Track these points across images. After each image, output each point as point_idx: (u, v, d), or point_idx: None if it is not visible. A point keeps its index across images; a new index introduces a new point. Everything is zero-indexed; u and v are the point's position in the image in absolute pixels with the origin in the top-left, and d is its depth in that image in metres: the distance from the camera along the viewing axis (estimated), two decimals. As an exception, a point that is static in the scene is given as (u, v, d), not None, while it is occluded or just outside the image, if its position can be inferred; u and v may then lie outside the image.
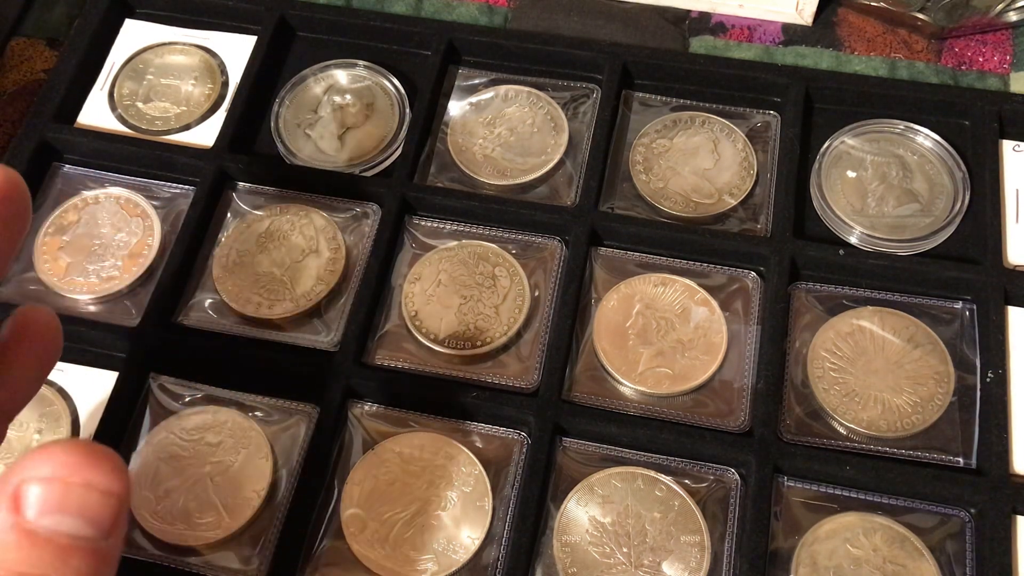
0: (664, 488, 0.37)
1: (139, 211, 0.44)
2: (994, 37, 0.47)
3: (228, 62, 0.48)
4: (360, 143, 0.45)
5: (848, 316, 0.40)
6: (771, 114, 0.45)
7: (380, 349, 0.41)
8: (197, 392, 0.40)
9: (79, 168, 0.46)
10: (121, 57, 0.49)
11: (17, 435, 0.39)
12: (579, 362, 0.40)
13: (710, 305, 0.41)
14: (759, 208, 0.43)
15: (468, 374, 0.40)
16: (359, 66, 0.47)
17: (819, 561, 0.36)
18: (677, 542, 0.36)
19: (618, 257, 0.42)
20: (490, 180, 0.44)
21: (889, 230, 0.42)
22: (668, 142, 0.45)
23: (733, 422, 0.38)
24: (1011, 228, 0.42)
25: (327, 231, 0.43)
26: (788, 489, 0.37)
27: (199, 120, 0.46)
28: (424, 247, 0.43)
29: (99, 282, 0.42)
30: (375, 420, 0.39)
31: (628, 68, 0.46)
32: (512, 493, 0.37)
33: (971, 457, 0.38)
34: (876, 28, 0.48)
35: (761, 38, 0.48)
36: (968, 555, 0.36)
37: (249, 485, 0.37)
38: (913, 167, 0.43)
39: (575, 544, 0.36)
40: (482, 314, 0.41)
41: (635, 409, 0.39)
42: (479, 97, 0.47)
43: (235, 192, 0.44)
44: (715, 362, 0.39)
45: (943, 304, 0.41)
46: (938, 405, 0.38)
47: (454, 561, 0.36)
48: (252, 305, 0.41)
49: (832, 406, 0.38)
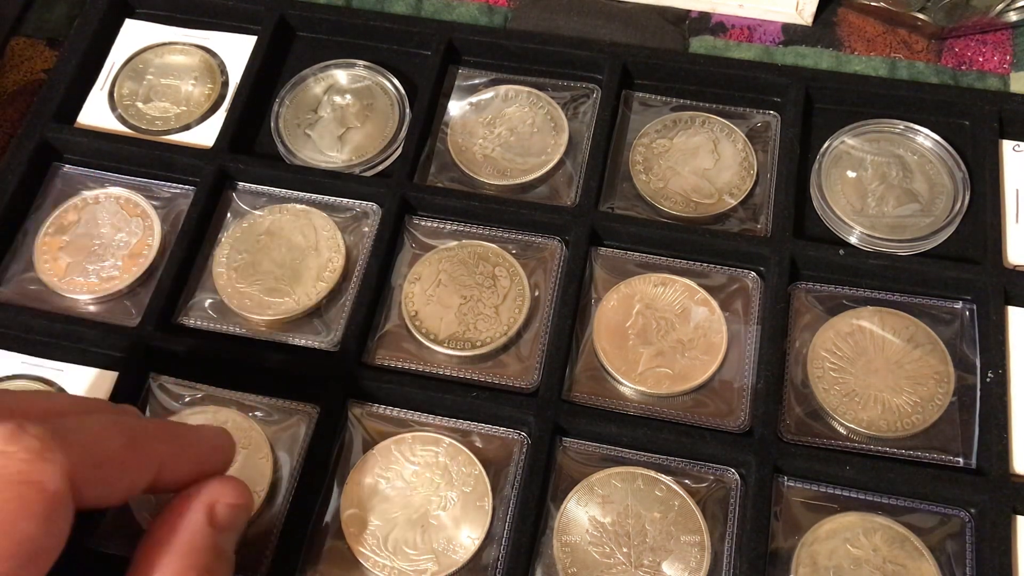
0: (664, 488, 0.37)
1: (139, 211, 0.44)
2: (994, 37, 0.47)
3: (228, 62, 0.48)
4: (360, 143, 0.45)
5: (848, 316, 0.40)
6: (771, 114, 0.45)
7: (380, 349, 0.41)
8: (197, 392, 0.40)
9: (79, 168, 0.46)
10: (121, 57, 0.49)
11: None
12: (579, 362, 0.40)
13: (710, 305, 0.41)
14: (759, 208, 0.43)
15: (468, 374, 0.40)
16: (359, 66, 0.47)
17: (819, 561, 0.36)
18: (677, 542, 0.36)
19: (618, 257, 0.42)
20: (490, 180, 0.44)
21: (889, 230, 0.42)
22: (668, 142, 0.45)
23: (733, 422, 0.38)
24: (1011, 228, 0.42)
25: (327, 231, 0.43)
26: (788, 489, 0.37)
27: (199, 120, 0.46)
28: (424, 247, 0.43)
29: (99, 282, 0.42)
30: (375, 420, 0.39)
31: (628, 68, 0.46)
32: (512, 493, 0.37)
33: (971, 457, 0.38)
34: (876, 28, 0.48)
35: (761, 38, 0.48)
36: (968, 555, 0.36)
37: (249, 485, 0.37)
38: (913, 167, 0.43)
39: (575, 544, 0.36)
40: (482, 314, 0.41)
41: (635, 409, 0.39)
42: (479, 97, 0.47)
43: (235, 192, 0.44)
44: (715, 362, 0.39)
45: (943, 304, 0.41)
46: (938, 405, 0.38)
47: (454, 561, 0.36)
48: (252, 305, 0.41)
49: (832, 406, 0.38)
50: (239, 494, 0.31)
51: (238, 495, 0.31)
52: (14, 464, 0.25)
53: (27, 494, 0.25)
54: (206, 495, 0.30)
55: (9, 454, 0.25)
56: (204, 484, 0.30)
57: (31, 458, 0.25)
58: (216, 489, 0.30)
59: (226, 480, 0.31)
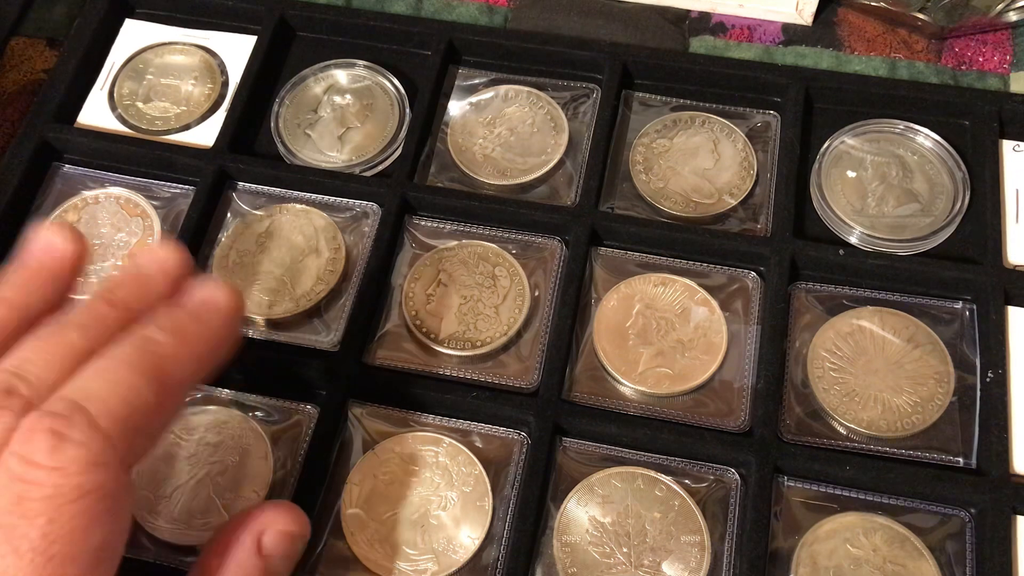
0: (664, 488, 0.37)
1: (139, 211, 0.44)
2: (994, 37, 0.47)
3: (228, 62, 0.48)
4: (360, 143, 0.45)
5: (848, 316, 0.40)
6: (771, 114, 0.45)
7: (380, 349, 0.41)
8: (197, 392, 0.40)
9: (79, 168, 0.46)
10: (121, 57, 0.49)
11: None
12: (579, 362, 0.40)
13: (710, 305, 0.41)
14: (759, 208, 0.43)
15: (468, 374, 0.40)
16: (359, 66, 0.47)
17: (819, 561, 0.36)
18: (677, 542, 0.36)
19: (618, 257, 0.42)
20: (490, 180, 0.44)
21: (889, 230, 0.42)
22: (668, 142, 0.45)
23: (733, 422, 0.38)
24: (1011, 228, 0.42)
25: (327, 231, 0.43)
26: (788, 489, 0.37)
27: (199, 120, 0.46)
28: (424, 247, 0.43)
29: (99, 282, 0.42)
30: (375, 420, 0.39)
31: (628, 68, 0.46)
32: (512, 493, 0.37)
33: (971, 457, 0.38)
34: (876, 28, 0.48)
35: (761, 38, 0.48)
36: (968, 555, 0.36)
37: (249, 485, 0.37)
38: (913, 167, 0.43)
39: (575, 544, 0.36)
40: (482, 314, 0.41)
41: (635, 409, 0.39)
42: (479, 97, 0.47)
43: (235, 192, 0.44)
44: (715, 362, 0.39)
45: (943, 304, 0.41)
46: (938, 405, 0.38)
47: (454, 561, 0.36)
48: (252, 305, 0.41)
49: (832, 406, 0.38)
50: (292, 521, 0.30)
51: (291, 522, 0.29)
52: (69, 480, 0.23)
53: (91, 505, 0.23)
54: (257, 523, 0.29)
55: (61, 470, 0.23)
56: (257, 510, 0.29)
57: (84, 469, 0.23)
58: (268, 517, 0.29)
59: (279, 507, 0.30)
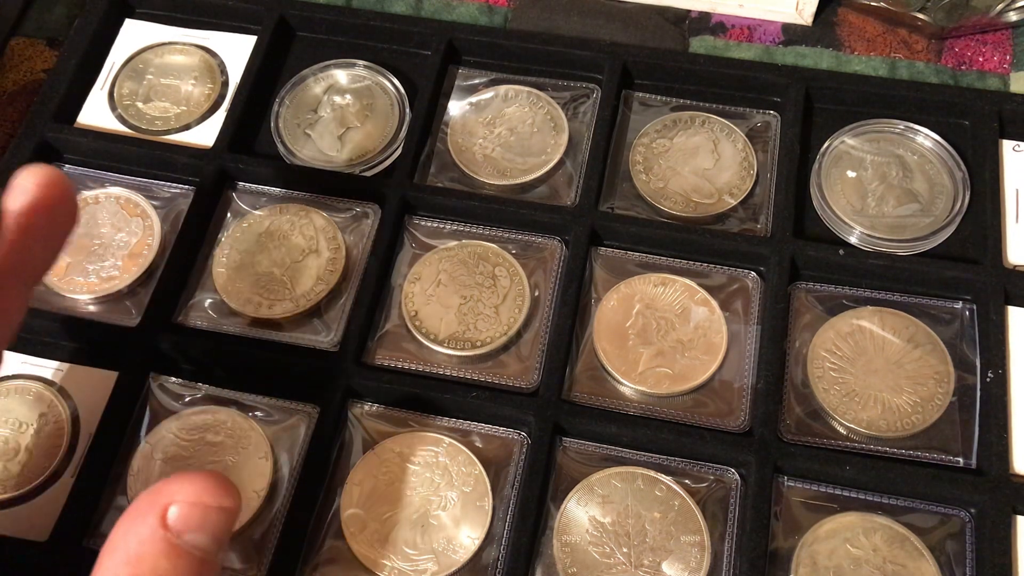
0: (664, 488, 0.37)
1: (139, 211, 0.44)
2: (994, 37, 0.47)
3: (228, 62, 0.48)
4: (360, 143, 0.45)
5: (848, 316, 0.40)
6: (771, 114, 0.45)
7: (380, 349, 0.41)
8: (197, 392, 0.40)
9: (79, 168, 0.46)
10: (121, 57, 0.49)
11: (15, 434, 0.39)
12: (579, 362, 0.40)
13: (710, 305, 0.41)
14: (759, 208, 0.43)
15: (468, 374, 0.40)
16: (359, 66, 0.47)
17: (819, 561, 0.36)
18: (677, 542, 0.36)
19: (618, 257, 0.42)
20: (490, 180, 0.44)
21: (889, 230, 0.42)
22: (668, 142, 0.45)
23: (733, 422, 0.38)
24: (1011, 228, 0.42)
25: (327, 231, 0.43)
26: (788, 489, 0.37)
27: (199, 120, 0.46)
28: (424, 247, 0.43)
29: (99, 282, 0.42)
30: (375, 420, 0.39)
31: (628, 68, 0.46)
32: (512, 493, 0.37)
33: (971, 457, 0.38)
34: (876, 28, 0.48)
35: (761, 38, 0.48)
36: (968, 555, 0.36)
37: (249, 485, 0.37)
38: (913, 167, 0.43)
39: (575, 544, 0.36)
40: (482, 314, 0.41)
41: (635, 409, 0.39)
42: (479, 97, 0.47)
43: (235, 192, 0.44)
44: (715, 362, 0.39)
45: (943, 304, 0.41)
46: (938, 405, 0.38)
47: (454, 561, 0.36)
48: (252, 305, 0.41)
49: (832, 406, 0.38)
50: (204, 491, 0.26)
51: (202, 492, 0.26)
52: None
53: None
54: (162, 495, 0.26)
55: None
56: (165, 481, 0.26)
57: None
58: (174, 487, 0.26)
59: (189, 477, 0.26)
